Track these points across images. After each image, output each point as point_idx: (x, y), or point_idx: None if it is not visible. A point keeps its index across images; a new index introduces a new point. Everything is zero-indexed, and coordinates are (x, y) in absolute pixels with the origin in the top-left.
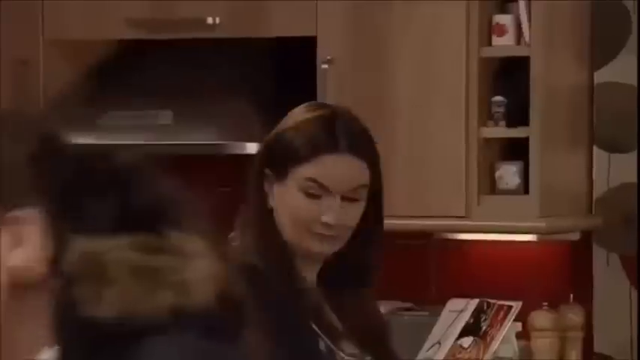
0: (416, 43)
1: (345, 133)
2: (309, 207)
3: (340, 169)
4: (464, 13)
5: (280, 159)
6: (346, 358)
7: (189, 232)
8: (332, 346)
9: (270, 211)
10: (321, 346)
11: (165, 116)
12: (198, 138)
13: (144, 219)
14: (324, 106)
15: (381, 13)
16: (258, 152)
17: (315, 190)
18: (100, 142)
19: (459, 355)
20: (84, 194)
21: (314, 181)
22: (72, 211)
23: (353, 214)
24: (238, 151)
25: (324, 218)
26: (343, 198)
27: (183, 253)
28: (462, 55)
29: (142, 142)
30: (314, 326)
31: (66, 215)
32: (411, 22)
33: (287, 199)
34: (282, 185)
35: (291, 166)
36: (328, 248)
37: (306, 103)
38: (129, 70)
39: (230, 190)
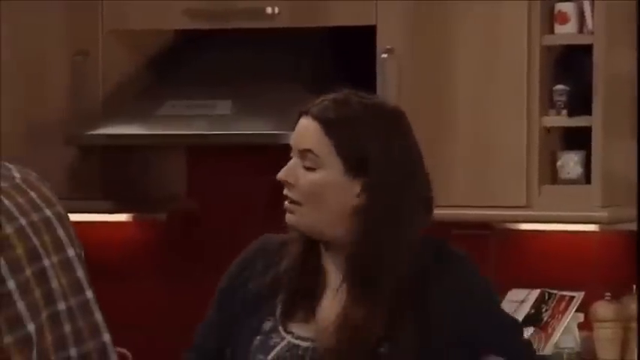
0: (477, 31)
1: (317, 105)
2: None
3: (298, 128)
4: (526, 2)
5: None
6: (291, 340)
7: None
8: (280, 327)
9: None
10: (266, 326)
11: (224, 106)
12: (256, 127)
13: None
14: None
15: (441, 2)
16: None
17: (291, 153)
18: (158, 132)
19: None
20: None
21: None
22: None
23: (304, 180)
24: None
25: (280, 175)
26: (304, 167)
27: None
28: (523, 44)
29: (201, 132)
30: (279, 305)
31: None
32: (473, 11)
33: None
34: None
35: None
36: (292, 218)
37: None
38: (187, 60)
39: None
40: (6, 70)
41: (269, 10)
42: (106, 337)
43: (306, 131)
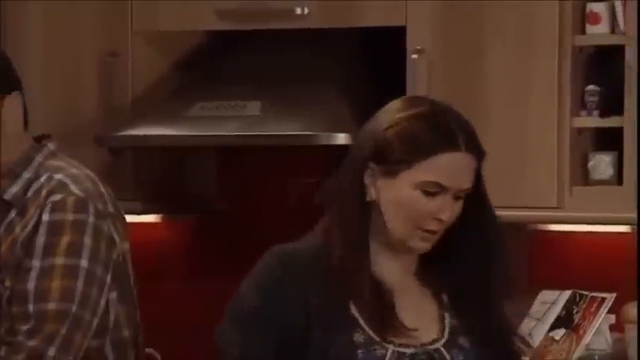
0: (508, 32)
1: (461, 131)
2: (426, 204)
3: (459, 167)
4: (557, 2)
5: (392, 156)
6: (395, 349)
7: None
8: (376, 337)
9: (367, 203)
10: (358, 338)
11: (254, 107)
12: (286, 128)
13: None
14: (424, 100)
15: (471, 2)
16: (363, 145)
17: (433, 189)
18: (188, 134)
19: (550, 348)
20: None
21: (434, 180)
22: None
23: (457, 211)
24: (326, 142)
25: (441, 215)
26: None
27: None
28: (555, 44)
29: (230, 133)
30: (356, 316)
31: None
32: (504, 11)
33: (399, 196)
34: (392, 181)
35: (406, 164)
36: (429, 246)
37: (404, 98)
38: (217, 61)
39: (318, 181)
40: (36, 71)
41: (298, 10)
42: None
43: (467, 168)
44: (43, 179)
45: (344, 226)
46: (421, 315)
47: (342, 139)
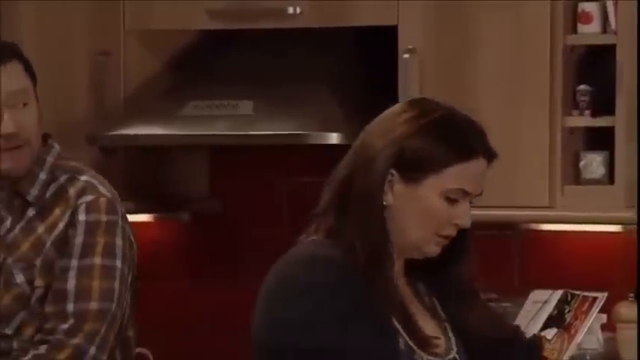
0: (499, 31)
1: (480, 137)
2: (447, 210)
3: (480, 173)
4: (549, 1)
5: (417, 164)
6: (426, 357)
7: None
8: (413, 345)
9: (384, 207)
10: (401, 344)
11: (246, 106)
12: (278, 128)
13: None
14: (436, 104)
15: (463, 2)
16: (382, 151)
17: (457, 195)
18: (180, 133)
19: (542, 347)
20: None
21: (459, 187)
22: None
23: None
24: (318, 141)
25: (462, 222)
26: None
27: None
28: (546, 44)
29: (223, 133)
30: (396, 324)
31: None
32: (495, 11)
33: (423, 202)
34: (414, 187)
35: (430, 173)
36: (439, 250)
37: (413, 101)
38: (209, 61)
39: (311, 180)
40: None
41: (290, 10)
42: None
43: (485, 173)
44: (62, 180)
45: (370, 237)
46: (426, 321)
47: (334, 138)
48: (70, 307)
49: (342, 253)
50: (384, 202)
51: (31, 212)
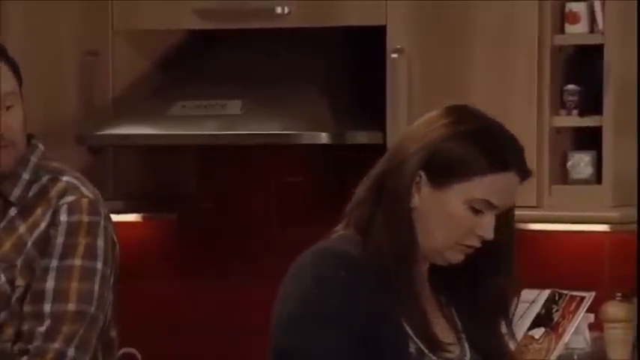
0: (488, 31)
1: (515, 151)
2: (470, 220)
3: (509, 187)
4: (536, 1)
5: (446, 169)
6: None
7: None
8: (424, 349)
9: (411, 209)
10: (411, 347)
11: (235, 106)
12: (267, 128)
13: None
14: (476, 114)
15: (451, 2)
16: (415, 153)
17: (482, 206)
18: (169, 133)
19: (530, 346)
20: None
21: (485, 199)
22: None
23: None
24: (307, 141)
25: (484, 233)
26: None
27: None
28: (534, 43)
29: (211, 132)
30: (406, 327)
31: None
32: (483, 11)
33: (447, 208)
34: (440, 192)
35: (457, 179)
36: (462, 257)
37: (454, 108)
38: (198, 60)
39: (299, 180)
40: None
41: (279, 10)
42: None
43: (515, 188)
44: (45, 180)
45: (397, 237)
46: (442, 326)
47: (322, 138)
48: (48, 307)
49: (361, 250)
50: (412, 205)
51: (12, 212)
